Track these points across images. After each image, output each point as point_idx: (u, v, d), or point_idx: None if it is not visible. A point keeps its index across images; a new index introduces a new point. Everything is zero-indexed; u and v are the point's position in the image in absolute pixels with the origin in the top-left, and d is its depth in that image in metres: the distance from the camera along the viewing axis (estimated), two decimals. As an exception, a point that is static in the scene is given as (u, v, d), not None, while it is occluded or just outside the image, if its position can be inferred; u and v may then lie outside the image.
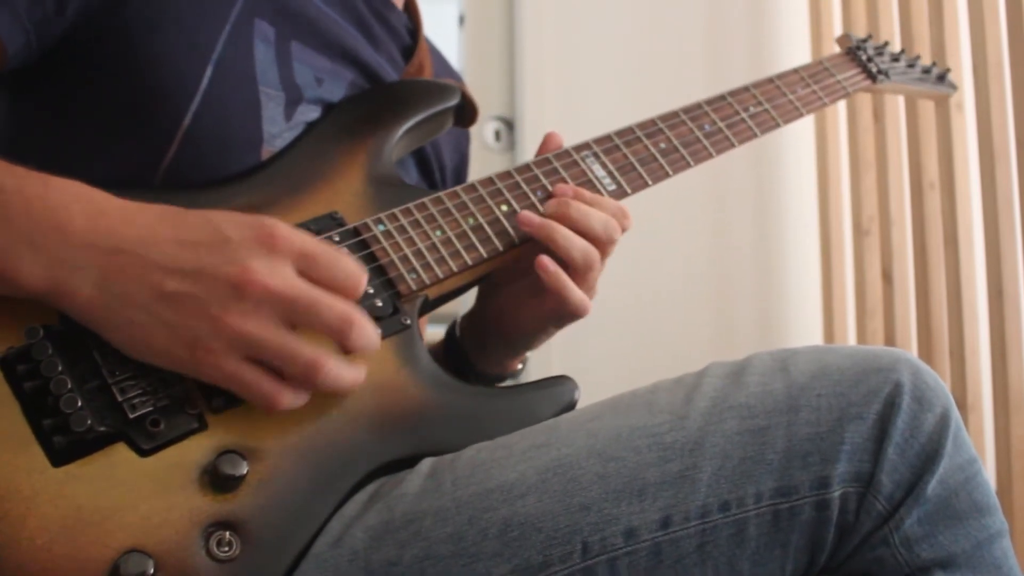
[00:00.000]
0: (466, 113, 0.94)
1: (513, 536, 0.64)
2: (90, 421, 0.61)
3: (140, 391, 0.64)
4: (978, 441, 1.53)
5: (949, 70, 1.23)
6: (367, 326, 0.65)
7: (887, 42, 1.16)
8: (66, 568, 0.59)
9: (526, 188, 0.85)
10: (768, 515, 0.65)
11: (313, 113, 0.84)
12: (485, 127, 1.92)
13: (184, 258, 0.62)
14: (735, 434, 0.66)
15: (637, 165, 0.90)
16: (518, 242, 0.82)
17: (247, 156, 0.79)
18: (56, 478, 0.61)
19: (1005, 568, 0.66)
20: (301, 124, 0.83)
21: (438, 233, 0.79)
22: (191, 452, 0.64)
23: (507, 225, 0.82)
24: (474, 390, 0.77)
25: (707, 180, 1.88)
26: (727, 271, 1.94)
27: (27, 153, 0.67)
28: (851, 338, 1.84)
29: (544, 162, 0.87)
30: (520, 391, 0.79)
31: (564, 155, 0.88)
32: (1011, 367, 1.45)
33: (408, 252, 0.77)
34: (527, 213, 0.82)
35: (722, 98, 0.98)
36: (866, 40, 1.13)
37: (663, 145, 0.92)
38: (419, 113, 0.88)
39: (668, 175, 0.91)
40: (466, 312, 0.95)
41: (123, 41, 0.75)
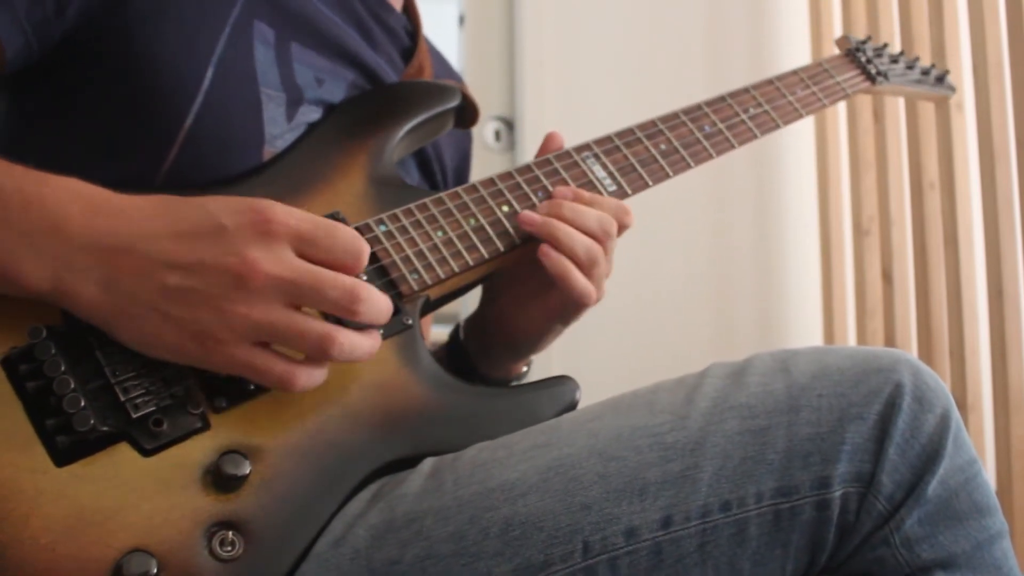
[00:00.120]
0: (467, 114, 0.94)
1: (514, 535, 0.64)
2: (93, 421, 0.61)
3: (143, 391, 0.64)
4: (978, 441, 1.53)
5: (948, 72, 1.23)
6: (375, 296, 0.64)
7: (886, 43, 1.16)
8: (69, 568, 0.59)
9: (527, 189, 0.85)
10: (769, 515, 0.65)
11: (314, 114, 0.84)
12: (485, 127, 1.92)
13: (183, 252, 0.62)
14: (736, 434, 0.66)
15: (637, 166, 0.90)
16: (519, 242, 0.82)
17: (249, 157, 0.79)
18: (59, 478, 0.61)
19: (1005, 569, 0.66)
20: (302, 125, 0.83)
21: (439, 233, 0.79)
22: (194, 452, 0.64)
23: (508, 225, 0.82)
24: (475, 390, 0.77)
25: (707, 181, 1.88)
26: (727, 271, 1.94)
27: (27, 154, 0.67)
28: (851, 338, 1.84)
29: (545, 163, 0.87)
30: (521, 391, 0.79)
31: (565, 156, 0.88)
32: (1011, 367, 1.45)
33: (410, 252, 0.77)
34: (528, 212, 0.82)
35: (722, 99, 0.98)
36: (865, 42, 1.14)
37: (663, 146, 0.92)
38: (420, 114, 0.88)
39: (668, 176, 0.91)
40: (469, 316, 0.95)
41: (123, 42, 0.75)
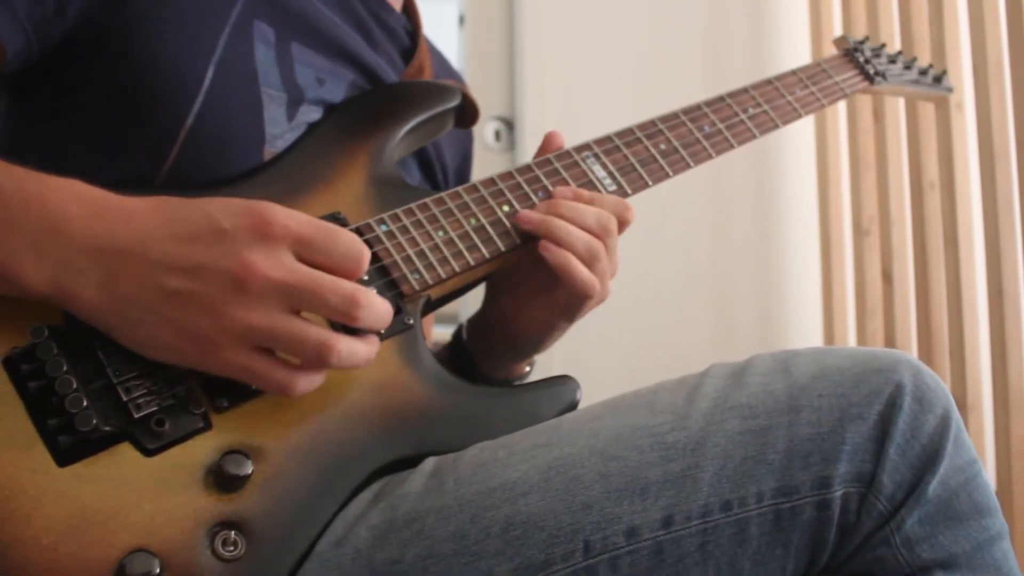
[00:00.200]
0: (467, 114, 0.94)
1: (515, 535, 0.64)
2: (95, 421, 0.61)
3: (145, 391, 0.64)
4: (978, 441, 1.53)
5: (946, 72, 1.23)
6: (375, 302, 0.64)
7: (884, 44, 1.16)
8: (71, 568, 0.59)
9: (527, 189, 0.85)
10: (769, 515, 0.65)
11: (315, 114, 0.84)
12: (485, 127, 1.92)
13: (183, 255, 0.62)
14: (736, 434, 0.66)
15: (637, 166, 0.90)
16: (520, 242, 0.82)
17: (249, 157, 0.79)
18: (61, 478, 0.61)
19: (1005, 569, 0.66)
20: (303, 125, 0.83)
21: (440, 233, 0.80)
22: (196, 452, 0.64)
23: (509, 225, 0.82)
24: (476, 390, 0.77)
25: (707, 181, 1.88)
26: (727, 271, 1.94)
27: (27, 154, 0.67)
28: (851, 338, 1.84)
29: (545, 163, 0.87)
30: (522, 391, 0.80)
31: (565, 156, 0.88)
32: (1011, 367, 1.45)
33: (411, 252, 0.78)
34: (526, 211, 0.82)
35: (721, 99, 0.98)
36: (863, 42, 1.14)
37: (663, 146, 0.92)
38: (420, 114, 0.88)
39: (668, 176, 0.91)
40: (472, 317, 0.95)
41: (123, 42, 0.75)
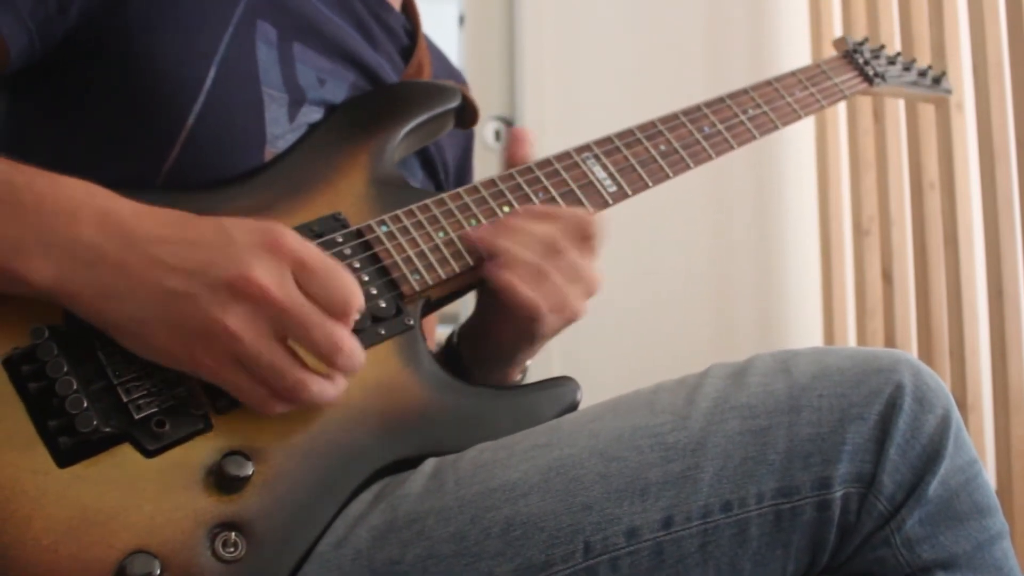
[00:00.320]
0: (467, 114, 0.94)
1: (515, 535, 0.64)
2: (96, 422, 0.61)
3: (145, 392, 0.64)
4: (978, 441, 1.54)
5: (945, 73, 1.23)
6: (356, 351, 0.65)
7: (883, 45, 1.16)
8: (72, 569, 0.59)
9: (528, 190, 0.85)
10: (770, 515, 0.65)
11: (316, 114, 0.84)
12: (485, 127, 1.92)
13: (187, 256, 0.62)
14: (737, 434, 0.66)
15: (637, 167, 0.90)
16: (472, 263, 0.79)
17: (250, 157, 0.79)
18: (61, 479, 0.61)
19: (1006, 569, 0.66)
20: (304, 125, 0.83)
21: (441, 234, 0.80)
22: (196, 453, 0.64)
23: None
24: (476, 391, 0.77)
25: (707, 181, 1.88)
26: (727, 271, 1.94)
27: (28, 154, 0.67)
28: (851, 338, 1.85)
29: (545, 163, 0.87)
30: (522, 392, 0.79)
31: (565, 156, 0.88)
32: (1011, 367, 1.45)
33: (411, 253, 0.78)
34: (469, 231, 0.80)
35: (721, 100, 0.98)
36: (862, 43, 1.14)
37: (663, 147, 0.92)
38: (420, 115, 0.88)
39: (668, 176, 0.91)
40: (462, 324, 0.95)
41: (124, 41, 0.75)
